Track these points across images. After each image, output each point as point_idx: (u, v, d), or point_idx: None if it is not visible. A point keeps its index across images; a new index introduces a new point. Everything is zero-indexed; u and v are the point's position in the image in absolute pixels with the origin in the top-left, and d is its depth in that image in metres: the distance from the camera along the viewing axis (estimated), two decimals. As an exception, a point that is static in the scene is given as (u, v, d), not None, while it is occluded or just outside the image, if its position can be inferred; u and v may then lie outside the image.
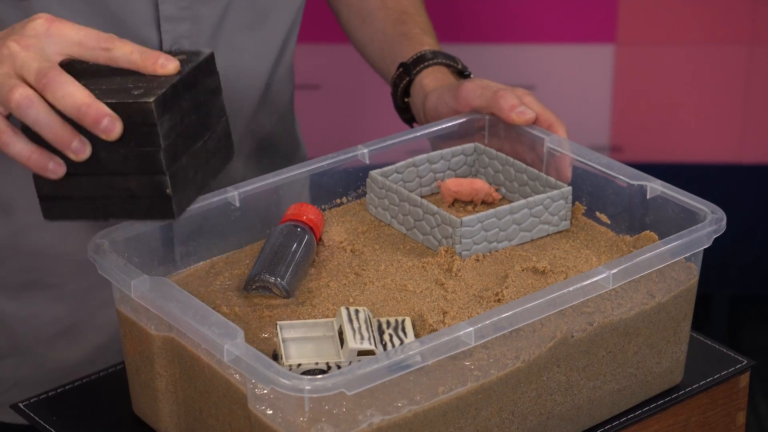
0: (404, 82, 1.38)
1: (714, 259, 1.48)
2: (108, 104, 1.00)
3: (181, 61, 1.05)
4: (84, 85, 1.01)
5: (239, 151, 1.41)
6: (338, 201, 1.26)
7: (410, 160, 1.25)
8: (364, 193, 1.26)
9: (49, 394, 1.19)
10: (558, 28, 2.45)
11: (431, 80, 1.35)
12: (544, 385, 1.08)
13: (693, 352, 1.20)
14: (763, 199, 2.58)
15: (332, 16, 1.53)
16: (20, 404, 1.17)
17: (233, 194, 1.17)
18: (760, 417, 2.57)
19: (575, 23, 2.44)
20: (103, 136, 1.00)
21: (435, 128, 1.29)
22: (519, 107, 1.27)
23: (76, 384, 1.20)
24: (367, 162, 1.25)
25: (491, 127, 1.30)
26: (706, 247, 1.13)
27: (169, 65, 1.04)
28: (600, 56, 2.46)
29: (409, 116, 1.40)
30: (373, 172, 1.23)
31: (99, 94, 1.01)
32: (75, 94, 1.00)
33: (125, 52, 1.03)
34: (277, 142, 1.46)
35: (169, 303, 1.03)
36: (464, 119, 1.30)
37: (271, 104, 1.42)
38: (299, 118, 1.54)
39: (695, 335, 1.24)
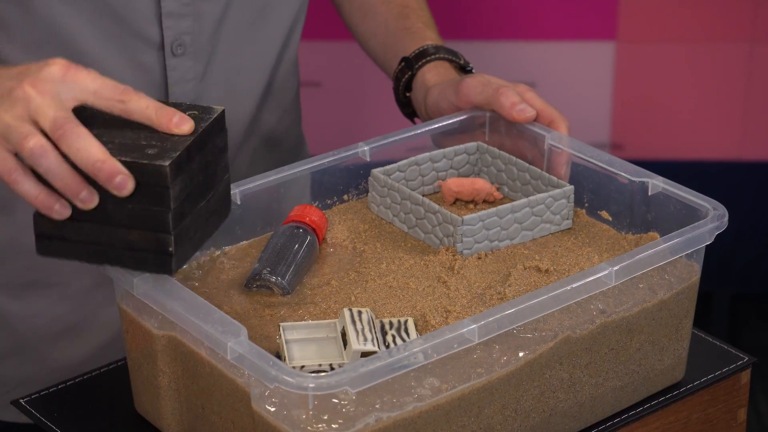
0: (406, 76, 1.38)
1: (715, 256, 1.48)
2: (122, 162, 0.99)
3: (193, 118, 1.04)
4: (96, 135, 1.01)
5: (244, 147, 1.41)
6: (339, 199, 1.26)
7: (412, 158, 1.25)
8: (366, 191, 1.26)
9: (50, 390, 1.18)
10: (558, 25, 2.45)
11: (433, 75, 1.35)
12: (547, 383, 1.08)
13: (694, 349, 1.20)
14: (764, 196, 2.58)
15: (333, 12, 1.53)
16: (21, 400, 1.17)
17: (234, 192, 1.17)
18: (760, 414, 2.57)
19: (576, 20, 2.44)
20: (115, 192, 0.99)
21: (436, 125, 1.29)
22: (520, 105, 1.26)
23: (77, 380, 1.20)
24: (368, 159, 1.25)
25: (492, 124, 1.30)
26: (708, 243, 1.13)
27: (184, 126, 1.02)
28: (601, 53, 2.46)
29: (410, 111, 1.40)
30: (375, 171, 1.23)
31: (113, 149, 1.00)
32: (90, 150, 0.99)
33: (141, 107, 1.02)
34: (282, 138, 1.46)
35: (171, 301, 1.03)
36: (465, 116, 1.30)
37: (274, 100, 1.42)
38: (300, 115, 1.54)
39: (696, 332, 1.24)
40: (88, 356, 1.37)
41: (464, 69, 1.39)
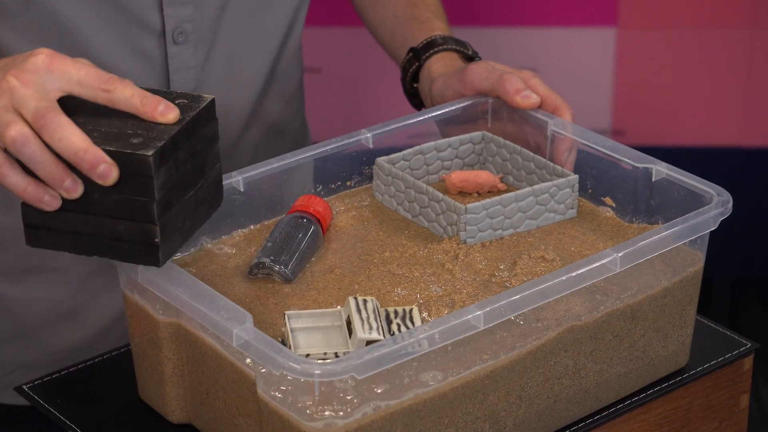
0: (413, 67, 1.37)
1: (715, 242, 1.48)
2: (106, 151, 0.98)
3: (181, 106, 1.03)
4: (81, 124, 1.00)
5: (247, 135, 1.40)
6: (343, 186, 1.26)
7: (417, 147, 1.25)
8: (368, 178, 1.26)
9: (53, 376, 1.19)
10: (560, 11, 2.44)
11: (439, 66, 1.35)
12: (552, 369, 1.08)
13: (697, 335, 1.20)
14: (765, 182, 2.58)
15: (334, -1, 1.53)
16: (24, 386, 1.17)
17: (237, 179, 1.17)
18: (761, 401, 2.57)
19: (577, 6, 2.44)
20: (99, 181, 0.99)
21: (438, 112, 1.29)
22: (524, 91, 1.26)
23: (80, 366, 1.20)
24: (371, 146, 1.25)
25: (495, 111, 1.30)
26: (713, 229, 1.13)
27: (169, 114, 1.01)
28: (602, 39, 2.46)
29: (418, 101, 1.40)
30: (380, 159, 1.23)
31: (97, 138, 0.99)
32: (72, 138, 0.98)
33: (125, 96, 1.01)
34: (286, 126, 1.46)
35: (176, 288, 1.03)
36: (468, 103, 1.29)
37: (277, 88, 1.42)
38: (301, 102, 1.54)
39: (699, 318, 1.24)
40: (87, 340, 1.37)
41: (472, 60, 1.38)
